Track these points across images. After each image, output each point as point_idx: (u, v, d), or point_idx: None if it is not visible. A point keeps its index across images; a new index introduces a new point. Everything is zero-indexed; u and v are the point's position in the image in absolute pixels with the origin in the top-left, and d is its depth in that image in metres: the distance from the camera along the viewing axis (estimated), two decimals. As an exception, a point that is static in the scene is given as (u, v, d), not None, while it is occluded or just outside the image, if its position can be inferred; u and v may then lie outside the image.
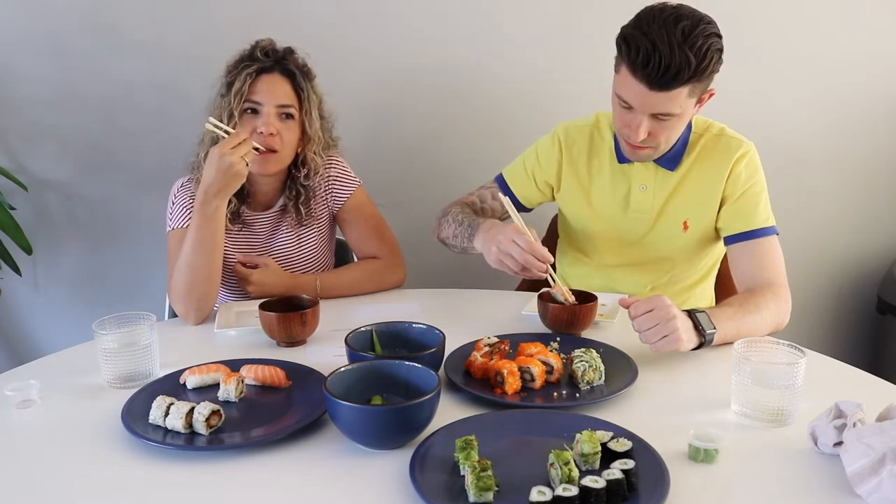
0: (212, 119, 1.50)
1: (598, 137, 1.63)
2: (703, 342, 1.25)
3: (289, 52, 1.62)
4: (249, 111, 1.57)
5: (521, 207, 1.71)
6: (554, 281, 1.39)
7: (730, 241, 1.53)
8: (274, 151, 1.57)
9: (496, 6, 2.16)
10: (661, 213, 1.58)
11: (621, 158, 1.58)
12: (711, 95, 1.44)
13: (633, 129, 1.41)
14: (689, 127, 1.54)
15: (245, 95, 1.55)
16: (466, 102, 2.25)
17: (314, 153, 1.65)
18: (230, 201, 1.59)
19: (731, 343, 1.14)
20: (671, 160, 1.54)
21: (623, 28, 1.37)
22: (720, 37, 1.35)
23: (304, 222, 1.70)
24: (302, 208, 1.68)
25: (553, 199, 1.72)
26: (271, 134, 1.55)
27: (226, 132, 1.50)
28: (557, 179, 1.67)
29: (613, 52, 1.38)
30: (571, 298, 1.39)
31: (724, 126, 1.58)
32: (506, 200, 1.50)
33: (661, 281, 1.64)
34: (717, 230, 1.57)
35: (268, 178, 1.64)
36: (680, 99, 1.35)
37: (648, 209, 1.58)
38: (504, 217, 1.70)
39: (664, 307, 1.21)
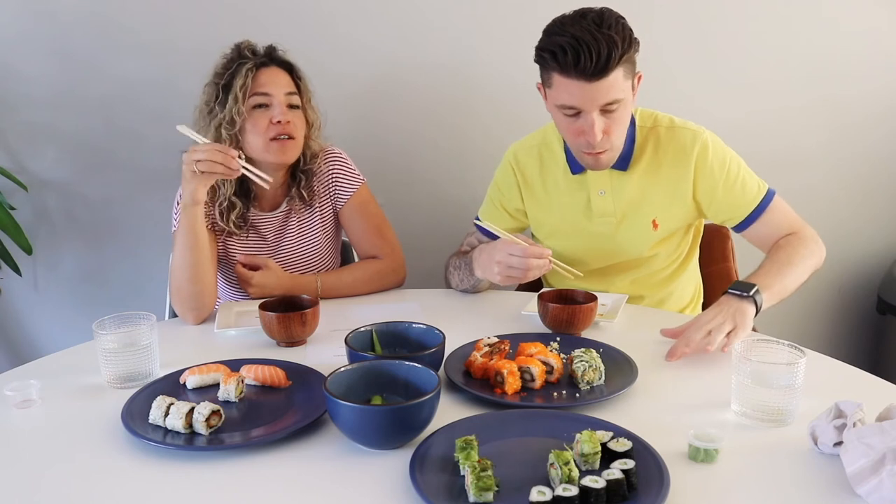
0: (181, 127, 1.49)
1: (548, 154, 1.62)
2: (755, 302, 1.29)
3: (273, 48, 1.62)
4: (259, 106, 1.57)
5: None
6: (560, 267, 1.45)
7: (739, 228, 1.54)
8: (292, 138, 1.59)
9: (489, 5, 2.16)
10: (626, 214, 1.57)
11: (574, 169, 1.58)
12: (640, 79, 1.44)
13: (588, 132, 1.39)
14: (633, 123, 1.53)
15: (251, 89, 1.56)
16: (461, 102, 2.25)
17: (314, 139, 1.68)
18: (236, 205, 1.61)
19: (783, 298, 1.36)
20: (622, 160, 1.52)
21: (537, 46, 1.38)
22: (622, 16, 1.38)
23: (310, 205, 1.71)
24: (304, 192, 1.68)
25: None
26: (288, 121, 1.58)
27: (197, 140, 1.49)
28: (522, 203, 1.68)
29: None
30: (579, 273, 1.46)
31: (673, 117, 1.56)
32: (484, 227, 1.58)
33: (640, 275, 1.64)
34: (720, 223, 1.58)
35: (273, 176, 1.64)
36: (619, 82, 1.35)
37: (612, 212, 1.57)
38: None
39: (706, 319, 1.27)
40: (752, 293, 1.29)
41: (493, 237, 1.70)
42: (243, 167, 1.45)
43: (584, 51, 1.30)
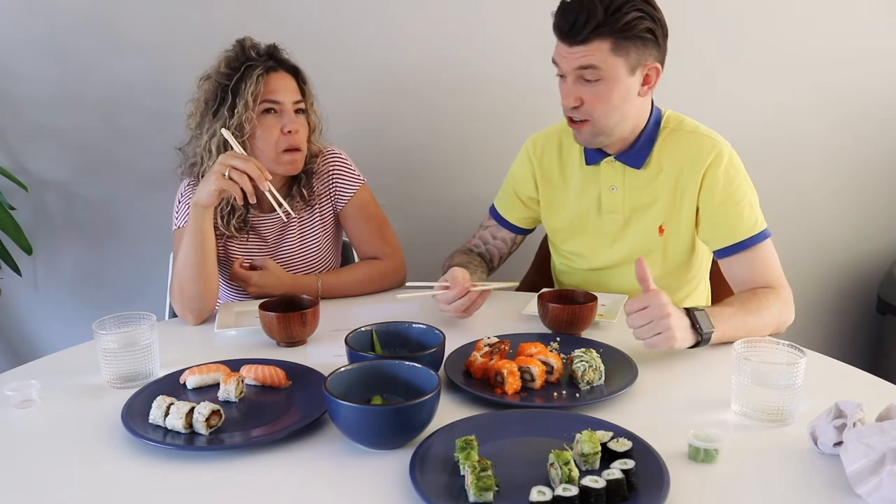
0: (224, 131, 1.50)
1: (567, 140, 1.62)
2: (700, 341, 1.23)
3: (275, 48, 1.62)
4: (267, 111, 1.57)
5: (520, 230, 1.74)
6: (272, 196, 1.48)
7: (719, 254, 1.48)
8: (300, 150, 1.61)
9: (490, 4, 2.16)
10: (634, 214, 1.55)
11: (589, 160, 1.57)
12: (658, 73, 1.42)
13: (565, 96, 1.43)
14: (657, 122, 1.51)
15: (262, 96, 1.55)
16: (463, 101, 2.25)
17: (314, 141, 1.69)
18: (237, 209, 1.62)
19: (730, 343, 1.15)
20: (635, 156, 1.51)
21: None
22: (653, 7, 1.37)
23: (310, 206, 1.71)
24: (304, 190, 1.68)
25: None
26: (297, 131, 1.58)
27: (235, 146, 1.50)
28: (536, 192, 1.67)
29: None
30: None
31: (699, 124, 1.53)
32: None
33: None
34: (701, 240, 1.54)
35: (276, 179, 1.64)
36: (601, 54, 1.36)
37: (620, 210, 1.56)
38: (507, 254, 1.78)
39: (658, 305, 1.18)
40: (704, 335, 1.22)
41: (509, 225, 1.72)
42: (270, 191, 1.47)
43: (565, 14, 1.36)
